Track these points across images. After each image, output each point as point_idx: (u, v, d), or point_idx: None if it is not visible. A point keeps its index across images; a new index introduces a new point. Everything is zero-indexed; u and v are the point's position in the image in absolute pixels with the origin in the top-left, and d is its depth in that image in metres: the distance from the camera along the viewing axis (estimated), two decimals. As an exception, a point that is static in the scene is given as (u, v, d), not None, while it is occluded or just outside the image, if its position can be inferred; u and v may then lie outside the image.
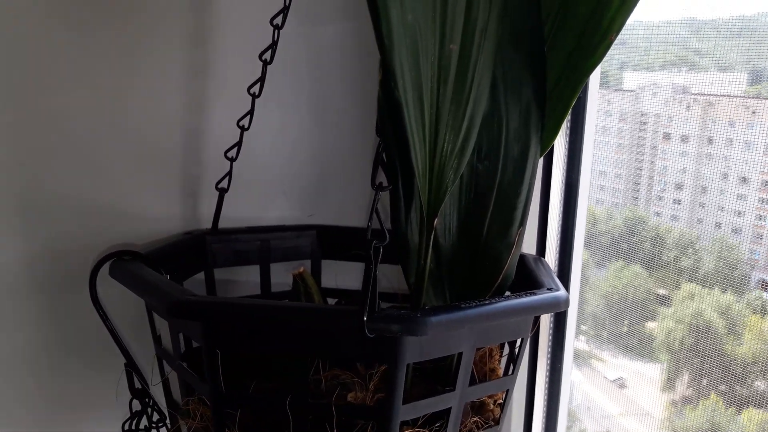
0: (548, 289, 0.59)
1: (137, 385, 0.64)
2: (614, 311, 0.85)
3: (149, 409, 0.64)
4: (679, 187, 0.76)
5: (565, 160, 0.80)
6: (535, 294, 0.57)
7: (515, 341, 0.65)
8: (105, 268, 0.62)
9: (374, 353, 0.51)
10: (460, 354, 0.55)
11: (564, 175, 0.79)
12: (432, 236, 0.51)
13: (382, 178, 0.51)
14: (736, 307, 0.71)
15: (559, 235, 0.81)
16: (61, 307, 0.72)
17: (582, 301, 0.87)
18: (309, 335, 0.51)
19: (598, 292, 0.87)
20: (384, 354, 0.50)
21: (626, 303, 0.83)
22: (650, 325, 0.80)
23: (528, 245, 0.80)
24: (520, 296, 0.55)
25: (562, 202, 0.78)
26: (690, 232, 0.75)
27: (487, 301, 0.53)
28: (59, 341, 0.72)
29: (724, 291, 0.72)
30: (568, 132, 0.79)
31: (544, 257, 0.77)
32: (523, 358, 0.84)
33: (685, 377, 0.78)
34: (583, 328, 0.89)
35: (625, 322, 0.84)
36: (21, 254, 0.69)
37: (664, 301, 0.78)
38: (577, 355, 0.91)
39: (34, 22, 0.65)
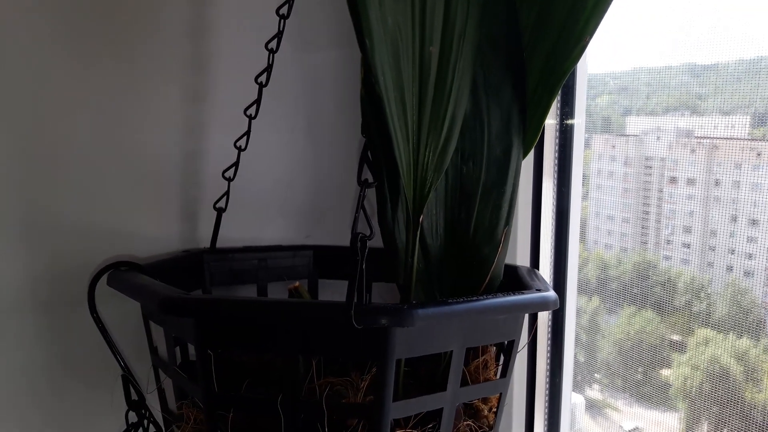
0: (537, 290, 0.60)
1: (134, 396, 0.64)
2: (628, 358, 0.85)
3: (145, 421, 0.64)
4: (687, 230, 0.76)
5: (555, 176, 0.81)
6: (523, 293, 0.58)
7: (510, 349, 0.65)
8: (103, 289, 0.63)
9: (363, 348, 0.51)
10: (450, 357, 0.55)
11: (555, 187, 0.81)
12: (418, 234, 0.53)
13: (368, 177, 0.53)
14: (754, 352, 0.70)
15: (552, 249, 0.82)
16: (61, 326, 0.73)
17: (594, 348, 0.87)
18: (299, 332, 0.51)
19: (611, 339, 0.86)
20: (373, 348, 0.51)
21: (640, 350, 0.82)
22: (665, 372, 0.79)
23: (521, 258, 0.81)
24: (509, 294, 0.56)
25: (554, 214, 0.80)
26: (701, 276, 0.75)
27: (475, 298, 0.54)
28: (59, 359, 0.73)
29: (740, 336, 0.71)
30: (557, 148, 0.81)
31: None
32: (522, 374, 0.85)
33: (705, 426, 0.76)
34: (597, 376, 0.89)
35: (640, 369, 0.83)
36: (22, 274, 0.71)
37: (679, 347, 0.77)
38: (591, 405, 0.90)
39: (36, 49, 0.68)
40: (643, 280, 0.80)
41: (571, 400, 0.91)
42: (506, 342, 0.65)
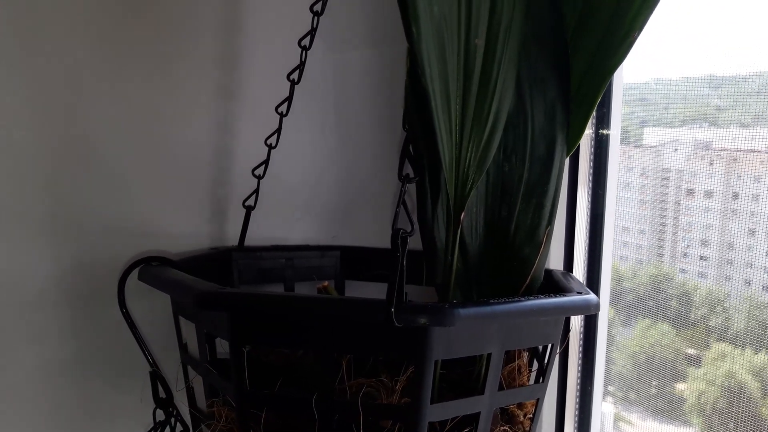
0: (578, 292, 0.58)
1: (161, 394, 0.63)
2: (642, 372, 0.83)
3: (173, 419, 0.63)
4: (704, 243, 0.75)
5: (590, 182, 0.80)
6: (565, 296, 0.56)
7: (544, 354, 0.63)
8: (131, 285, 0.63)
9: (401, 348, 0.50)
10: (488, 360, 0.54)
11: (589, 194, 0.80)
12: (459, 232, 0.51)
13: (409, 171, 0.51)
14: (772, 369, 0.69)
15: (586, 254, 0.80)
16: (89, 321, 0.72)
17: (608, 361, 0.85)
18: (335, 328, 0.50)
19: (625, 352, 0.85)
20: (411, 348, 0.49)
21: (654, 363, 0.81)
22: (680, 386, 0.78)
23: (555, 263, 0.80)
24: (551, 296, 0.55)
25: (588, 219, 0.78)
26: (718, 289, 0.74)
27: (517, 299, 0.52)
28: (86, 354, 0.72)
29: (757, 351, 0.69)
30: (592, 154, 0.80)
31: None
32: (553, 381, 0.83)
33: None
34: (610, 389, 0.87)
35: (654, 383, 0.81)
36: (50, 268, 0.70)
37: (694, 361, 0.76)
38: (606, 418, 0.88)
39: (66, 42, 0.68)
40: (659, 292, 0.79)
41: (601, 409, 0.89)
42: (541, 347, 0.64)
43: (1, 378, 0.68)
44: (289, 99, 0.73)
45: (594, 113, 0.76)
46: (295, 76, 0.73)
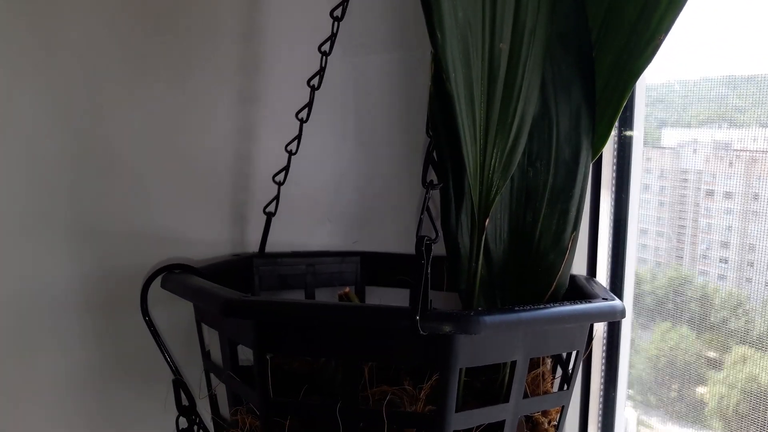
0: (603, 298, 0.57)
1: (184, 401, 0.63)
2: (662, 375, 0.82)
3: (195, 427, 0.63)
4: (724, 245, 0.73)
5: (614, 186, 0.79)
6: (591, 302, 0.55)
7: (568, 361, 0.63)
8: (153, 292, 0.63)
9: (426, 356, 0.49)
10: (513, 368, 0.53)
11: (613, 198, 0.79)
12: (483, 238, 0.51)
13: (432, 177, 0.51)
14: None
15: (609, 259, 0.79)
16: (111, 328, 0.72)
17: (628, 364, 0.84)
18: (360, 337, 0.50)
19: (644, 355, 0.84)
20: (436, 356, 0.49)
21: (675, 366, 0.79)
22: (701, 390, 0.76)
23: (578, 268, 0.79)
24: (576, 303, 0.54)
25: (611, 224, 0.77)
26: (739, 292, 0.72)
27: (542, 306, 0.51)
28: (108, 362, 0.72)
29: None
30: (615, 157, 0.79)
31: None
32: (576, 387, 0.82)
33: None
34: (630, 392, 0.86)
35: (674, 386, 0.80)
36: (73, 276, 0.71)
37: (715, 364, 0.74)
38: (629, 424, 0.87)
39: (90, 52, 0.69)
40: (679, 295, 0.77)
41: (625, 415, 0.87)
42: (565, 354, 0.63)
43: (25, 384, 0.69)
44: (309, 105, 0.73)
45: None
46: (315, 81, 0.73)
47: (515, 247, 0.57)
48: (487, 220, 0.50)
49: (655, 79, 0.78)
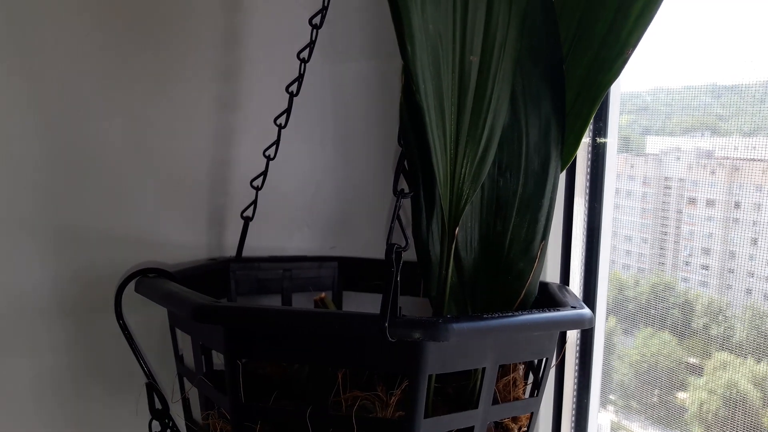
0: (572, 307, 0.58)
1: (158, 405, 0.63)
2: (643, 380, 0.83)
3: (168, 431, 0.63)
4: (706, 252, 0.75)
5: (587, 194, 0.80)
6: (559, 310, 0.56)
7: (539, 367, 0.64)
8: (128, 296, 0.63)
9: (396, 362, 0.50)
10: (483, 374, 0.54)
11: (586, 206, 0.80)
12: (453, 246, 0.51)
13: (403, 186, 0.52)
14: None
15: (582, 266, 0.80)
16: (86, 332, 0.72)
17: (609, 369, 0.85)
18: (330, 343, 0.50)
19: (626, 361, 0.85)
20: (406, 363, 0.49)
21: (656, 372, 0.80)
22: (681, 395, 0.77)
23: (551, 275, 0.80)
24: (544, 311, 0.55)
25: (584, 231, 0.78)
26: (720, 298, 0.73)
27: (510, 314, 0.52)
28: (83, 365, 0.72)
29: (759, 360, 0.69)
30: (589, 165, 0.80)
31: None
32: (549, 393, 0.83)
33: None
34: (611, 397, 0.87)
35: (655, 392, 0.81)
36: (49, 279, 0.70)
37: (696, 370, 0.76)
38: (602, 430, 0.88)
39: (67, 54, 0.69)
40: (660, 301, 0.79)
41: (598, 421, 0.89)
42: (536, 360, 0.64)
43: (-2, 388, 0.69)
44: (287, 111, 0.74)
45: (590, 126, 0.77)
46: (294, 88, 0.73)
47: (486, 255, 0.57)
48: (458, 229, 0.51)
49: (639, 87, 0.80)
